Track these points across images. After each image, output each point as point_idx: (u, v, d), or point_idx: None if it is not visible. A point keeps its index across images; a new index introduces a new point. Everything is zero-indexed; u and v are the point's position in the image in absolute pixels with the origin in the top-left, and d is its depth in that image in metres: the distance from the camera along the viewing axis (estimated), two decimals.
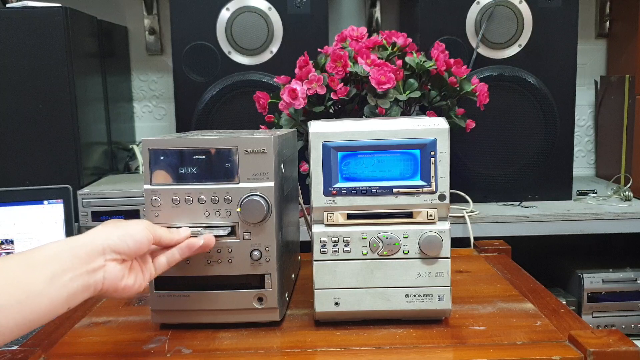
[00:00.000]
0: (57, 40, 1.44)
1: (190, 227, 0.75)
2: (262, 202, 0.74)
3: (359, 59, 1.26)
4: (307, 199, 0.79)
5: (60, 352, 0.73)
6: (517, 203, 1.59)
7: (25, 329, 0.56)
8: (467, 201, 1.55)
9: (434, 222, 0.76)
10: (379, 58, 1.26)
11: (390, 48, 1.32)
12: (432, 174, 0.75)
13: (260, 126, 1.32)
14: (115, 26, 1.85)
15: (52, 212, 1.37)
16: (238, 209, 0.75)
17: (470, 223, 1.42)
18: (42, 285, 0.57)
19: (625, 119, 1.73)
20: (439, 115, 1.26)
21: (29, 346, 0.73)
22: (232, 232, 0.76)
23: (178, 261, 0.72)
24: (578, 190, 1.66)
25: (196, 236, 0.73)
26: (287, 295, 0.85)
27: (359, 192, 0.76)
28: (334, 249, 0.76)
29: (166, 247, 0.71)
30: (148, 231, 0.67)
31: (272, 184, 0.75)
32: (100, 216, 1.42)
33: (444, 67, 1.30)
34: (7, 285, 0.55)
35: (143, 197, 0.76)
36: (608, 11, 1.93)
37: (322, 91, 1.24)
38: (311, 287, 0.77)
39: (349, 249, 0.76)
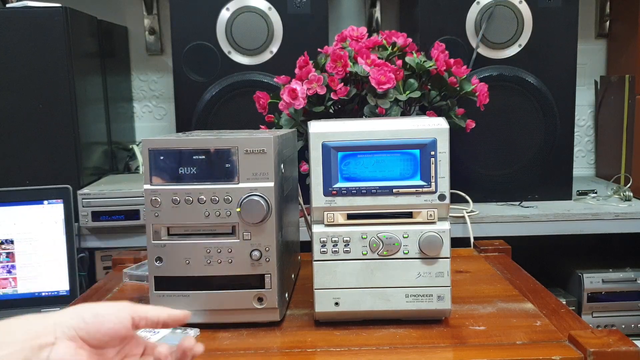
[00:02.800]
0: (57, 40, 1.43)
1: (190, 226, 0.75)
2: (262, 202, 0.74)
3: (359, 59, 1.26)
4: (307, 199, 0.79)
5: None
6: (517, 203, 1.59)
7: None
8: (467, 201, 1.55)
9: (434, 222, 0.76)
10: (379, 58, 1.26)
11: (390, 48, 1.32)
12: (432, 174, 0.75)
13: (260, 126, 1.32)
14: (115, 26, 1.85)
15: (52, 212, 1.37)
16: (238, 209, 0.75)
17: (470, 223, 1.42)
18: None
19: (625, 119, 1.73)
20: (439, 115, 1.26)
21: None
22: (232, 232, 0.76)
23: None
24: (578, 190, 1.66)
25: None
26: (287, 295, 0.85)
27: (359, 192, 0.76)
28: (334, 249, 0.76)
29: (154, 324, 0.60)
30: (126, 312, 0.58)
31: (272, 184, 0.75)
32: (100, 216, 1.42)
33: (444, 67, 1.30)
34: None
35: (143, 197, 0.76)
36: (608, 11, 1.93)
37: (322, 91, 1.24)
38: (311, 287, 0.77)
39: (349, 249, 0.76)
